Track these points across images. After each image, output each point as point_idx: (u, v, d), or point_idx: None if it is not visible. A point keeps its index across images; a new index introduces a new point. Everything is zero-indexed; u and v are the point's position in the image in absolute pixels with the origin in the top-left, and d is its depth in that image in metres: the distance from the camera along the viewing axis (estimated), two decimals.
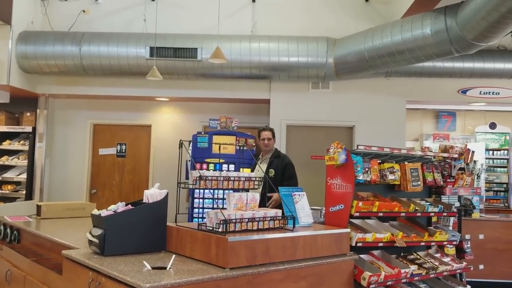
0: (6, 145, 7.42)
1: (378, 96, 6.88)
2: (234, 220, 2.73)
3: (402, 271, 3.23)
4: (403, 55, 5.53)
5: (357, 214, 3.29)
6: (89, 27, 6.80)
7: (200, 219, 5.97)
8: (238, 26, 6.71)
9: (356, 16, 6.77)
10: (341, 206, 3.33)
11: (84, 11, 7.05)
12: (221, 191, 5.84)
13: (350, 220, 3.37)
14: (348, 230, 3.19)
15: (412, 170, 3.68)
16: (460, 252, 4.01)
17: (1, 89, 6.74)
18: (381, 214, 3.41)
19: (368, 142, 3.74)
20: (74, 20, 6.93)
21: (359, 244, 3.22)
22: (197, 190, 5.98)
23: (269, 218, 2.92)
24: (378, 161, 3.56)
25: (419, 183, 3.71)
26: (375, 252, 3.45)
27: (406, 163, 3.71)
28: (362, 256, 3.33)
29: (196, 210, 6.14)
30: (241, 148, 6.05)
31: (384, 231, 3.42)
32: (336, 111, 6.86)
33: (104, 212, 2.81)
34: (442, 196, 4.05)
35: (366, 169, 3.39)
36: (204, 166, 6.12)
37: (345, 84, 6.86)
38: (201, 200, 6.19)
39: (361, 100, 6.87)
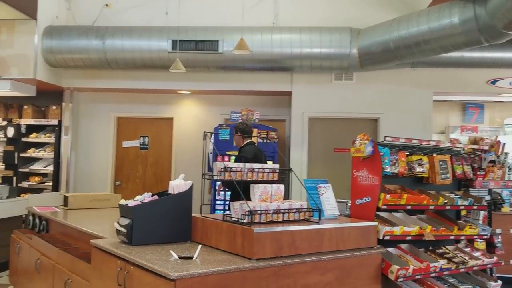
0: (33, 137, 7.56)
1: (404, 88, 6.74)
2: (259, 212, 2.71)
3: (431, 265, 3.17)
4: (430, 45, 5.39)
5: (385, 207, 3.24)
6: (112, 21, 6.85)
7: (222, 211, 5.98)
8: (259, 18, 6.65)
9: (380, 6, 6.63)
10: (368, 199, 3.27)
11: (107, 5, 7.10)
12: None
13: (377, 213, 3.31)
14: (375, 223, 3.14)
15: (441, 163, 3.60)
16: (490, 247, 3.91)
17: (27, 83, 6.86)
18: (409, 207, 3.35)
19: (393, 134, 3.65)
20: (98, 14, 6.99)
21: (387, 238, 3.17)
22: (219, 182, 5.98)
23: (294, 210, 2.90)
24: (406, 153, 3.49)
25: (448, 175, 3.62)
26: (403, 246, 3.39)
27: (434, 155, 3.62)
28: (389, 249, 3.28)
29: (218, 202, 6.15)
30: (264, 140, 6.00)
31: (412, 225, 3.36)
32: (360, 103, 6.75)
33: (131, 202, 2.82)
34: (471, 189, 3.96)
35: (394, 161, 3.33)
36: (226, 158, 6.12)
37: (369, 75, 6.74)
38: (222, 192, 6.20)
39: (386, 91, 6.75)
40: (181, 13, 6.57)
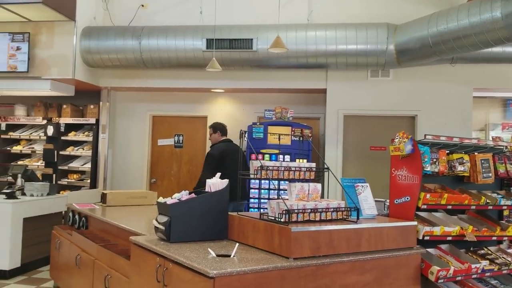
0: (72, 136, 7.79)
1: (443, 84, 6.55)
2: (296, 210, 2.69)
3: (473, 266, 3.07)
4: (470, 40, 5.22)
5: (424, 206, 3.15)
6: (148, 21, 6.97)
7: (256, 209, 6.00)
8: (293, 15, 6.60)
9: (417, 1, 6.47)
10: (407, 198, 3.20)
11: (142, 5, 7.23)
12: (275, 182, 5.84)
13: (416, 212, 3.23)
14: (415, 223, 3.06)
15: (482, 161, 3.47)
16: None
17: (66, 82, 7.06)
18: (450, 207, 3.25)
19: (431, 132, 3.56)
20: (134, 14, 7.12)
21: (427, 238, 3.09)
22: (253, 181, 6.02)
23: (332, 209, 2.86)
24: (446, 152, 3.39)
25: (490, 174, 3.50)
26: (443, 246, 3.30)
27: (476, 153, 3.50)
28: (429, 250, 3.19)
29: (252, 200, 6.17)
30: (300, 139, 5.98)
31: (452, 225, 3.26)
32: (397, 100, 6.61)
33: (169, 200, 2.86)
34: None
35: (434, 160, 3.24)
36: (260, 156, 6.13)
37: (406, 72, 6.59)
38: (256, 191, 6.22)
39: (424, 88, 6.57)
40: (215, 12, 6.60)
